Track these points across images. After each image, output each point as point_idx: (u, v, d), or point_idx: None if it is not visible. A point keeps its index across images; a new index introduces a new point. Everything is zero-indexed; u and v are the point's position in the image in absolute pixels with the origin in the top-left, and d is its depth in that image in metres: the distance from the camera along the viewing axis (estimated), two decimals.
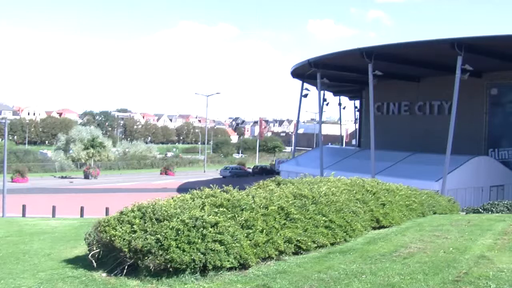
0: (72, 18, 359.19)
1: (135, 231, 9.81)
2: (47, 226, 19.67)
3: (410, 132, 52.68)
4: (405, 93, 55.08)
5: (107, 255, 10.13)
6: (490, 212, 20.94)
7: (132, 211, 10.49)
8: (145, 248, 9.38)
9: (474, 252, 11.09)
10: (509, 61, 40.32)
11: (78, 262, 11.06)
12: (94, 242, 10.46)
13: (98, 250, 10.31)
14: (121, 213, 10.56)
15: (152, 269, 9.36)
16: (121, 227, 9.97)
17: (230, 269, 9.79)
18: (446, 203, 20.59)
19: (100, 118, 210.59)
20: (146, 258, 9.38)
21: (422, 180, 34.69)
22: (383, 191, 16.44)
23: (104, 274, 9.81)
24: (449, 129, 37.38)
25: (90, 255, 10.40)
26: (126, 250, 9.55)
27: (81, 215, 32.61)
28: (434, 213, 18.59)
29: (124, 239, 9.67)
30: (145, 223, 10.01)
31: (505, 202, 22.65)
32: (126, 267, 9.64)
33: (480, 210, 21.93)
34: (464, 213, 21.66)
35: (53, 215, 32.57)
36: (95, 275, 9.79)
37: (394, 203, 16.12)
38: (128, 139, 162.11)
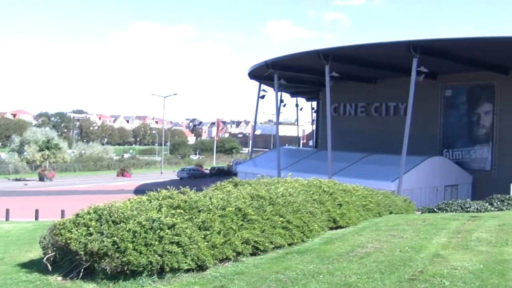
0: (25, 18, 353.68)
1: (91, 234, 9.72)
2: (0, 230, 19.35)
3: (367, 133, 53.10)
4: (362, 95, 55.50)
5: (62, 259, 10.02)
6: (444, 212, 21.23)
7: (88, 213, 10.39)
8: (102, 251, 9.30)
9: (429, 250, 11.27)
10: (463, 63, 41.01)
11: (33, 266, 10.90)
12: (49, 246, 10.32)
13: (54, 253, 10.18)
14: (77, 215, 10.45)
15: (109, 272, 9.28)
16: (77, 230, 9.86)
17: (187, 270, 9.78)
18: (402, 203, 20.86)
19: (56, 119, 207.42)
20: (102, 260, 9.31)
21: (378, 181, 35.05)
22: (340, 191, 16.57)
23: (59, 278, 9.69)
24: (404, 130, 37.83)
25: (45, 258, 10.26)
26: (82, 253, 9.45)
27: (36, 218, 32.09)
28: (390, 213, 18.82)
29: (80, 242, 9.57)
30: (101, 225, 9.93)
31: (459, 201, 22.96)
32: (82, 270, 9.54)
33: (435, 209, 22.19)
34: (420, 212, 21.94)
35: (7, 219, 31.96)
36: (50, 279, 9.67)
37: (351, 203, 16.27)
38: (84, 140, 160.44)
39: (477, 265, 9.93)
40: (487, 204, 22.45)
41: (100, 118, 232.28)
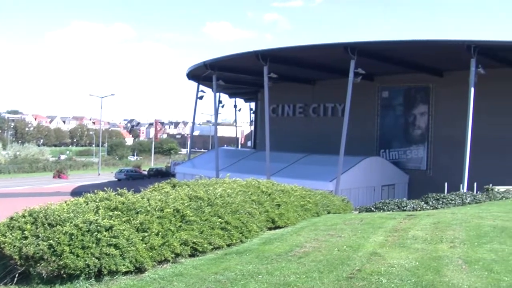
0: None
1: (26, 237, 9.51)
2: None
3: (305, 133, 53.63)
4: (300, 96, 56.03)
5: None
6: (381, 211, 21.54)
7: (23, 216, 10.17)
8: (37, 255, 9.12)
9: (366, 249, 11.45)
10: (399, 65, 41.87)
11: None
12: None
13: None
14: (11, 218, 10.22)
15: (45, 276, 9.11)
16: (11, 234, 9.64)
17: (126, 273, 9.68)
18: (340, 203, 21.08)
19: None
20: (38, 265, 9.12)
21: (316, 181, 35.42)
22: (278, 192, 16.65)
23: None
24: (342, 130, 38.29)
25: None
26: (17, 257, 9.25)
27: None
28: (329, 212, 18.99)
29: (14, 245, 9.36)
30: (37, 228, 9.73)
31: (396, 201, 23.36)
32: (16, 275, 9.34)
33: (372, 209, 22.51)
34: (357, 212, 22.20)
35: None
36: None
37: (289, 203, 16.36)
38: (19, 141, 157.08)
39: (413, 262, 10.17)
40: (423, 203, 22.89)
41: (35, 119, 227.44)
